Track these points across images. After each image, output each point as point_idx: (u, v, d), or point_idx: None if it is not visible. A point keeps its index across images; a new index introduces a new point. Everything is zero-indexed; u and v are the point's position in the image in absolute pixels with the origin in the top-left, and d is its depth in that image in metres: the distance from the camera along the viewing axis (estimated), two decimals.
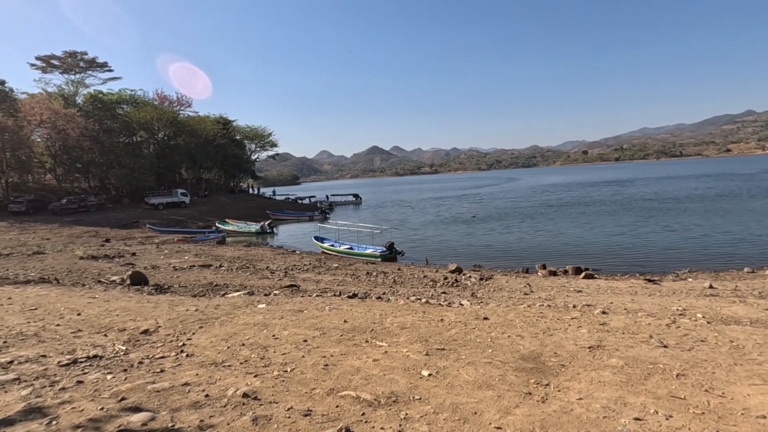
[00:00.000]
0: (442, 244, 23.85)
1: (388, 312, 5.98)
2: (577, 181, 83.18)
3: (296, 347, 4.48)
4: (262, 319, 5.71)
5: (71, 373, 3.83)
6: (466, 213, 38.48)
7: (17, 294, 8.44)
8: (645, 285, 11.62)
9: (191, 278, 12.91)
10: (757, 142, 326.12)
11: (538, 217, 32.35)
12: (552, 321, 5.34)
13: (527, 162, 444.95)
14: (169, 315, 6.14)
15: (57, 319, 6.11)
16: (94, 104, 42.47)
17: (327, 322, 5.46)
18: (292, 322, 5.51)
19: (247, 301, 7.00)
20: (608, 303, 7.88)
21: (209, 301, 7.19)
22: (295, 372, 3.76)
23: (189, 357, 4.31)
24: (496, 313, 5.79)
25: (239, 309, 6.37)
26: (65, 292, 8.48)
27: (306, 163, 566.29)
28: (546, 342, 4.42)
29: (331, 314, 5.91)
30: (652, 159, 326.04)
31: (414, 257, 20.55)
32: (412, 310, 6.15)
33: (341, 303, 6.80)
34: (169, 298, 7.58)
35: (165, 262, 17.45)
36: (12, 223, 31.13)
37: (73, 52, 49.43)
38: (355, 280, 13.17)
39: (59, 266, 15.09)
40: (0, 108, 36.93)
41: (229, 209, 45.64)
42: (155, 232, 31.84)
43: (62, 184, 41.62)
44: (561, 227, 26.48)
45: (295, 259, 19.68)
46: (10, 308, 7.03)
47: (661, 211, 30.63)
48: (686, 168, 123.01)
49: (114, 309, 6.63)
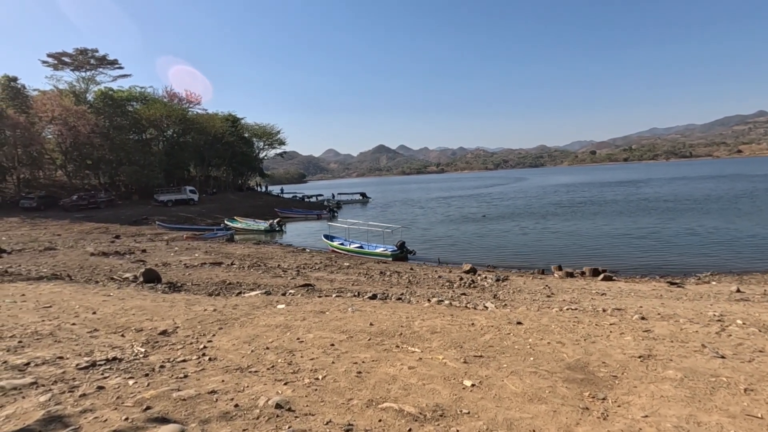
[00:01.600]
0: (453, 243, 23.56)
1: (414, 315, 5.73)
2: (587, 182, 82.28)
3: (324, 352, 4.25)
4: (283, 321, 5.48)
5: (91, 378, 3.63)
6: (476, 213, 38.10)
7: (31, 290, 8.31)
8: (668, 288, 11.26)
9: (203, 276, 12.75)
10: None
11: (551, 217, 31.91)
12: (590, 327, 5.06)
13: (534, 162, 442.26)
14: (187, 315, 5.94)
15: (72, 318, 5.94)
16: (105, 101, 42.63)
17: (352, 325, 5.22)
18: (316, 325, 5.28)
19: (266, 301, 6.78)
20: (637, 307, 7.56)
21: (226, 300, 6.98)
22: (327, 380, 3.52)
23: (212, 361, 4.09)
24: (528, 318, 5.52)
25: (258, 309, 6.15)
26: (79, 290, 8.33)
27: (312, 161, 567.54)
28: (590, 350, 4.14)
29: (354, 316, 5.67)
30: (661, 159, 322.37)
31: (425, 257, 20.27)
32: (439, 312, 5.89)
33: (363, 304, 6.56)
34: (185, 297, 7.39)
35: (175, 259, 17.34)
36: (23, 218, 31.31)
37: (84, 49, 49.66)
38: (369, 279, 12.94)
39: (71, 262, 15.02)
40: (12, 104, 37.16)
41: (237, 207, 45.65)
42: (164, 229, 31.87)
43: (72, 180, 41.86)
44: (575, 228, 26.05)
45: (305, 257, 19.49)
46: (24, 305, 6.88)
47: (678, 212, 30.05)
48: (698, 169, 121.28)
49: (130, 308, 6.44)
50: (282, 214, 41.97)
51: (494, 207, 42.72)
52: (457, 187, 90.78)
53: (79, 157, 40.60)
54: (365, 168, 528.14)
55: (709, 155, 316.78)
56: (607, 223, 26.64)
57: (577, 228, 25.82)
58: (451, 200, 54.75)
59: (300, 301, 6.68)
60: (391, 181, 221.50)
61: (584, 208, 36.46)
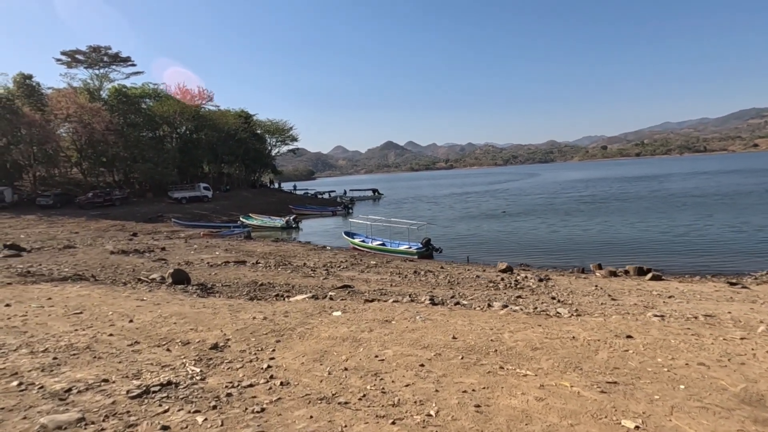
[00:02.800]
0: (479, 241, 22.73)
1: (497, 325, 4.99)
2: (604, 177, 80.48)
3: (416, 375, 3.54)
4: (348, 332, 4.78)
5: (148, 411, 2.95)
6: (495, 209, 37.17)
7: (57, 293, 7.74)
8: (733, 289, 10.37)
9: (230, 276, 12.14)
10: None
11: (577, 213, 30.83)
12: (718, 342, 4.28)
13: (544, 157, 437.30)
14: (235, 324, 5.27)
15: (107, 327, 5.31)
16: (119, 98, 42.34)
17: (431, 338, 4.50)
18: (388, 338, 4.57)
19: (317, 306, 6.09)
20: (726, 313, 6.74)
21: (273, 306, 6.31)
22: (443, 417, 2.80)
23: (285, 387, 3.40)
24: (633, 330, 4.74)
25: (313, 317, 5.46)
26: (108, 293, 7.73)
27: (321, 158, 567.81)
28: (749, 375, 3.37)
29: (428, 327, 4.95)
30: (675, 154, 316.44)
31: (451, 255, 19.50)
32: (523, 322, 5.15)
33: (428, 311, 5.83)
34: (226, 302, 6.73)
35: (197, 258, 16.80)
36: (40, 216, 31.13)
37: (97, 46, 49.45)
38: (404, 279, 12.23)
39: (91, 261, 14.53)
40: (28, 102, 36.99)
41: (251, 204, 45.26)
42: (180, 226, 31.50)
43: (88, 178, 41.71)
44: (605, 225, 24.97)
45: (328, 255, 18.83)
46: (53, 311, 6.28)
47: (709, 207, 28.86)
48: (716, 163, 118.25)
49: (168, 315, 5.80)
50: (297, 211, 41.46)
51: (513, 203, 41.70)
52: (469, 183, 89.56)
53: (94, 154, 40.35)
54: (373, 165, 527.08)
55: (724, 149, 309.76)
56: (640, 220, 25.54)
57: (608, 225, 24.77)
58: (466, 196, 53.77)
59: (356, 307, 5.98)
60: (401, 178, 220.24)
61: (610, 204, 35.27)
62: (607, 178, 76.90)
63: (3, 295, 7.64)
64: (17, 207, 34.05)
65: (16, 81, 38.14)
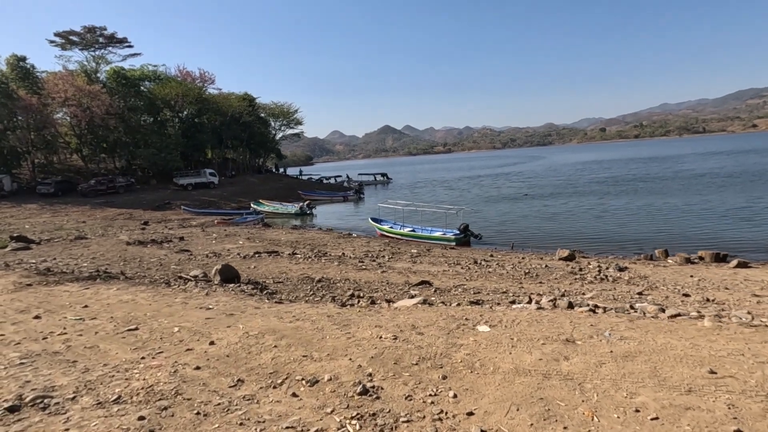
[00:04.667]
0: (512, 226, 21.41)
1: (737, 347, 3.64)
2: (615, 158, 78.83)
3: None
4: (534, 362, 3.43)
5: None
6: (514, 192, 35.78)
7: (91, 298, 6.34)
8: None
9: (273, 270, 10.78)
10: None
11: (609, 195, 29.37)
12: None
13: (542, 140, 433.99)
14: (360, 348, 3.89)
15: (184, 353, 3.93)
16: (118, 80, 40.21)
17: (674, 372, 3.16)
18: (609, 372, 3.21)
19: (447, 317, 4.72)
20: None
21: (385, 316, 4.92)
22: None
23: None
24: None
25: (457, 335, 4.10)
26: (155, 297, 6.33)
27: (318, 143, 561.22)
28: None
29: (642, 351, 3.60)
30: (674, 136, 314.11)
31: (489, 241, 18.18)
32: (719, 334, 3.80)
33: (593, 320, 4.47)
34: (313, 309, 5.34)
35: (221, 248, 15.43)
36: (42, 205, 29.53)
37: (92, 27, 46.90)
38: (469, 271, 10.89)
39: (109, 254, 13.12)
40: (23, 85, 34.92)
41: (258, 190, 43.71)
42: (191, 213, 30.02)
43: (88, 165, 39.90)
44: (649, 206, 23.48)
45: (362, 243, 17.46)
46: (98, 326, 4.90)
47: (749, 186, 27.56)
48: (721, 144, 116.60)
49: (257, 332, 4.42)
50: (307, 197, 39.96)
51: (533, 186, 40.26)
52: (476, 167, 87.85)
53: (95, 140, 38.44)
54: (371, 149, 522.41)
55: (723, 130, 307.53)
56: (686, 202, 24.01)
57: (653, 207, 23.29)
58: (480, 179, 52.27)
59: (498, 318, 4.61)
60: (400, 162, 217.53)
61: (639, 185, 33.81)
62: (619, 159, 75.35)
63: (27, 301, 6.24)
64: (17, 195, 32.39)
65: (9, 63, 35.95)
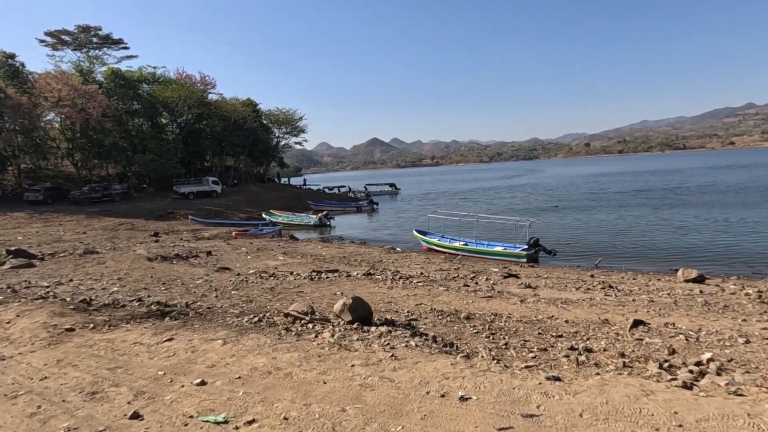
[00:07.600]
0: (565, 240, 19.55)
1: None
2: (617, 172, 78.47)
3: None
4: None
5: None
6: (543, 205, 34.16)
7: (192, 356, 4.02)
8: None
9: (373, 299, 8.51)
10: (761, 134, 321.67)
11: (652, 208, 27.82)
12: None
13: (528, 154, 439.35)
14: None
15: None
16: (116, 81, 37.47)
17: None
18: None
19: None
20: None
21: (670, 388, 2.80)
22: None
23: None
24: None
25: None
26: (300, 359, 4.07)
27: (306, 154, 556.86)
28: None
29: None
30: (656, 152, 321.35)
31: (566, 258, 16.20)
32: None
33: None
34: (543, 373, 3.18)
35: (263, 265, 13.14)
36: (31, 213, 26.50)
37: (86, 26, 44.12)
38: (587, 293, 8.82)
39: (135, 273, 10.69)
40: (12, 84, 31.95)
41: (263, 199, 41.25)
42: (200, 224, 27.44)
43: (80, 171, 36.79)
44: (709, 221, 21.87)
45: (421, 259, 15.32)
46: None
47: None
48: (708, 160, 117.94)
49: None
50: (318, 207, 37.64)
51: (556, 198, 38.75)
52: (482, 179, 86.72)
53: (88, 144, 35.39)
54: (359, 161, 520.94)
55: (703, 147, 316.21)
56: (754, 217, 22.23)
57: (714, 222, 21.63)
58: (496, 191, 50.62)
59: None
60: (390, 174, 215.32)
61: (683, 197, 32.50)
62: (624, 172, 75.06)
63: (85, 368, 3.83)
64: (2, 203, 29.23)
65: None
